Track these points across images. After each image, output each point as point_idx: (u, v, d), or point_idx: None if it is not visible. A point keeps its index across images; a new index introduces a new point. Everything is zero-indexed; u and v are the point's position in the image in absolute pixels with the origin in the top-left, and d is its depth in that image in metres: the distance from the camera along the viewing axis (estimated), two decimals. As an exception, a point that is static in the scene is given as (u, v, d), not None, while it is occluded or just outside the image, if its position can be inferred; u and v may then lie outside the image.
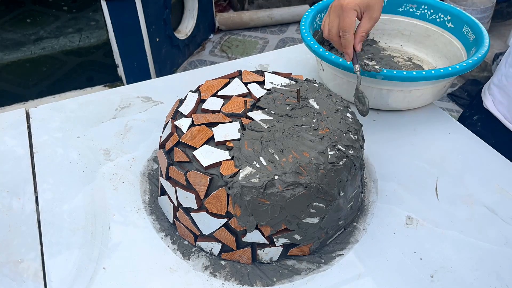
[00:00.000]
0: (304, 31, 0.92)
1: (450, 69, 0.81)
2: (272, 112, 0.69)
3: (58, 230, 0.70)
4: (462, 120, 0.99)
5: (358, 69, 0.73)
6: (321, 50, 0.86)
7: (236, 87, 0.75)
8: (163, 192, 0.71)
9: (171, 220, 0.71)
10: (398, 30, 1.06)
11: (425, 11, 1.01)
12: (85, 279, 0.63)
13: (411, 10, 1.02)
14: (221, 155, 0.62)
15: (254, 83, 0.76)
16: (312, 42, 0.88)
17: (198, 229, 0.66)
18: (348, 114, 0.70)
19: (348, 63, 0.77)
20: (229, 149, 0.63)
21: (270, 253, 0.65)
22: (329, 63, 0.85)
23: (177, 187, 0.64)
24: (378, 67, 0.81)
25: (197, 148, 0.63)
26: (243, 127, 0.67)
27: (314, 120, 0.67)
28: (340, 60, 0.83)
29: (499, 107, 0.89)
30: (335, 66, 0.84)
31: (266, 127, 0.66)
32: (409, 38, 1.05)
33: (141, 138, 0.87)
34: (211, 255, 0.67)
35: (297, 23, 2.94)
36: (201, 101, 0.73)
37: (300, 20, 2.95)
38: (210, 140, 0.65)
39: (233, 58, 2.30)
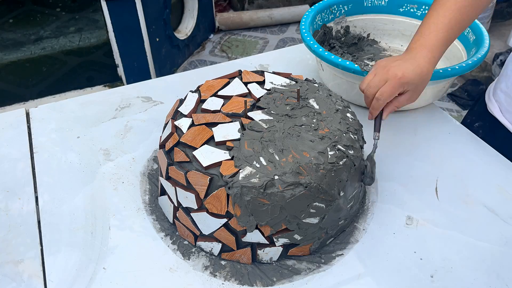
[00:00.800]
0: (304, 31, 0.92)
1: (449, 69, 0.81)
2: (272, 112, 0.69)
3: (58, 230, 0.70)
4: (465, 126, 0.94)
5: (377, 137, 0.73)
6: (320, 50, 0.86)
7: (236, 87, 0.75)
8: (163, 192, 0.70)
9: (171, 220, 0.71)
10: (399, 31, 1.06)
11: (426, 11, 1.00)
12: (85, 279, 0.63)
13: (411, 10, 1.02)
14: (221, 155, 0.62)
15: (254, 83, 0.76)
16: (312, 42, 0.88)
17: (198, 229, 0.66)
18: (348, 114, 0.70)
19: (369, 119, 0.75)
20: (229, 149, 0.63)
21: (270, 253, 0.65)
22: (328, 63, 0.85)
23: (177, 187, 0.64)
24: None
25: (197, 148, 0.63)
26: (243, 127, 0.66)
27: (314, 120, 0.67)
28: (340, 60, 0.83)
29: (506, 115, 0.85)
30: (334, 66, 0.84)
31: (266, 127, 0.66)
32: (409, 39, 1.05)
33: (141, 138, 0.87)
34: (211, 255, 0.67)
35: (297, 23, 2.94)
36: (201, 101, 0.73)
37: (300, 20, 2.94)
38: (210, 140, 0.65)
39: (233, 58, 2.29)
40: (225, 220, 0.62)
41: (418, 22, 1.02)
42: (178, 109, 0.72)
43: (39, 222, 0.72)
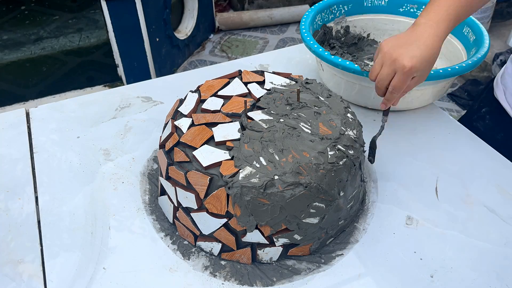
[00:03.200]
0: (304, 31, 0.92)
1: (449, 69, 0.81)
2: (272, 112, 0.69)
3: (58, 230, 0.70)
4: (470, 113, 0.95)
5: (385, 120, 0.75)
6: (320, 50, 0.86)
7: (236, 87, 0.75)
8: (163, 192, 0.70)
9: (171, 220, 0.71)
10: (398, 31, 1.06)
11: None
12: (85, 279, 0.63)
13: (411, 10, 1.02)
14: (221, 155, 0.62)
15: (254, 83, 0.75)
16: (312, 42, 0.88)
17: (198, 229, 0.66)
18: (348, 114, 0.70)
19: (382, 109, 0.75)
20: (229, 149, 0.63)
21: (270, 253, 0.65)
22: (328, 63, 0.85)
23: (177, 187, 0.64)
24: None
25: (197, 148, 0.63)
26: (243, 127, 0.66)
27: (314, 120, 0.67)
28: (340, 60, 0.83)
29: (509, 98, 0.85)
30: (334, 66, 0.84)
31: (266, 127, 0.66)
32: None
33: (141, 138, 0.87)
34: (211, 255, 0.67)
35: (297, 23, 2.94)
36: (201, 101, 0.73)
37: (300, 20, 2.94)
38: (210, 140, 0.65)
39: (233, 58, 2.29)
40: (225, 220, 0.62)
41: None
42: (178, 109, 0.72)
43: (39, 222, 0.72)
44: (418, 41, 0.66)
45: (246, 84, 0.75)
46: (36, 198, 0.76)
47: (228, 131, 0.65)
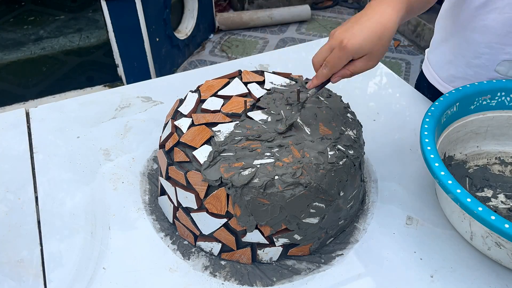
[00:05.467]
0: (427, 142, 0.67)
1: None
2: (272, 112, 0.69)
3: (58, 230, 0.70)
4: None
5: (312, 93, 0.65)
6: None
7: (236, 87, 0.75)
8: (163, 192, 0.70)
9: (171, 220, 0.71)
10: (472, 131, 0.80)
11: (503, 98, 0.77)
12: (85, 279, 0.63)
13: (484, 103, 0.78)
14: (221, 155, 0.62)
15: (254, 83, 0.75)
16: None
17: (198, 229, 0.65)
18: (348, 114, 0.70)
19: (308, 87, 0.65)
20: (229, 149, 0.63)
21: (270, 253, 0.65)
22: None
23: (177, 187, 0.64)
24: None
25: (197, 148, 0.63)
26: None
27: (314, 120, 0.67)
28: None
29: None
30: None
31: (266, 127, 0.66)
32: (485, 135, 0.80)
33: (141, 138, 0.87)
34: (211, 255, 0.67)
35: (297, 23, 2.94)
36: (201, 101, 0.72)
37: (300, 20, 2.93)
38: (210, 140, 0.65)
39: (233, 58, 2.29)
40: (225, 220, 0.62)
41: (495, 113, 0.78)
42: (178, 109, 0.72)
43: (39, 222, 0.72)
44: (365, 19, 0.59)
45: (246, 84, 0.75)
46: (36, 198, 0.76)
47: (228, 131, 0.65)
